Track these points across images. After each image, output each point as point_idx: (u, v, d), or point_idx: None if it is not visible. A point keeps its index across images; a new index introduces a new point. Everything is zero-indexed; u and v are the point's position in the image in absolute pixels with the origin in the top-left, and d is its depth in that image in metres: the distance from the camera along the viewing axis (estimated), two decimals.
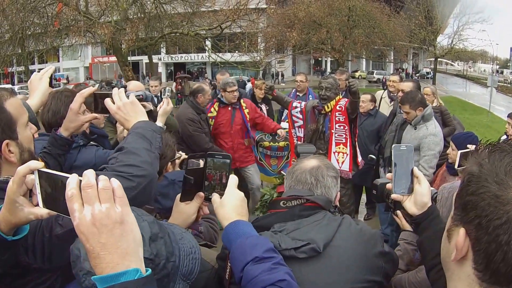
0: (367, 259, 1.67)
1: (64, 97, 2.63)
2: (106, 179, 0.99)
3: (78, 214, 0.95)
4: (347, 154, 5.28)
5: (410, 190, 1.65)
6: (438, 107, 6.95)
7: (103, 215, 0.95)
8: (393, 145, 1.62)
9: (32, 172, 1.18)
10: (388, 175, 1.66)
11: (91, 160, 2.67)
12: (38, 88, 2.35)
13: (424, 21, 33.23)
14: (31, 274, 1.52)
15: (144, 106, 2.20)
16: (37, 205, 1.20)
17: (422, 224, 1.63)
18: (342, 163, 5.28)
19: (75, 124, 2.22)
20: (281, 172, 5.84)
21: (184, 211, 1.70)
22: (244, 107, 6.17)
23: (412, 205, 1.66)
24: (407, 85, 5.32)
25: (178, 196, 1.72)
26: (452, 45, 34.33)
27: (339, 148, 5.29)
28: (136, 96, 2.09)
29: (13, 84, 42.63)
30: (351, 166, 5.30)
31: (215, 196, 1.59)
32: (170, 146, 2.58)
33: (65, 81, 44.03)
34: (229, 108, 6.15)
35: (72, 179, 1.00)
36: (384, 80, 41.11)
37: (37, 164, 1.17)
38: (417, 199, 1.65)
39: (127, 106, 1.79)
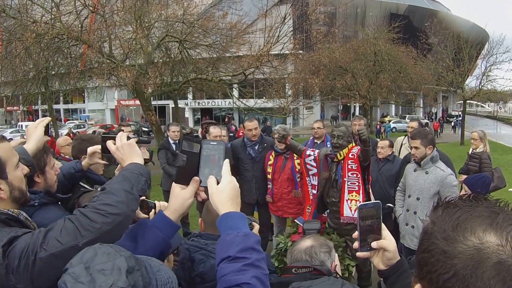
0: None
1: None
2: None
3: None
4: (360, 202, 5.20)
5: (376, 247, 1.65)
6: (479, 153, 6.72)
7: None
8: (359, 204, 1.63)
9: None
10: (355, 234, 1.65)
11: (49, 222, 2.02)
12: (33, 135, 2.55)
13: (451, 64, 32.83)
14: None
15: None
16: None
17: (390, 279, 1.65)
18: (355, 211, 5.20)
19: None
20: (295, 221, 5.78)
21: (180, 195, 1.72)
22: (295, 157, 6.28)
23: (380, 261, 1.66)
24: None
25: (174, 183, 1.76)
26: (480, 86, 33.64)
27: (352, 195, 5.22)
28: None
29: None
30: None
31: (211, 179, 1.61)
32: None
33: (92, 122, 45.44)
34: (282, 157, 6.44)
35: None
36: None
37: None
38: (384, 255, 1.64)
39: (124, 148, 1.93)
